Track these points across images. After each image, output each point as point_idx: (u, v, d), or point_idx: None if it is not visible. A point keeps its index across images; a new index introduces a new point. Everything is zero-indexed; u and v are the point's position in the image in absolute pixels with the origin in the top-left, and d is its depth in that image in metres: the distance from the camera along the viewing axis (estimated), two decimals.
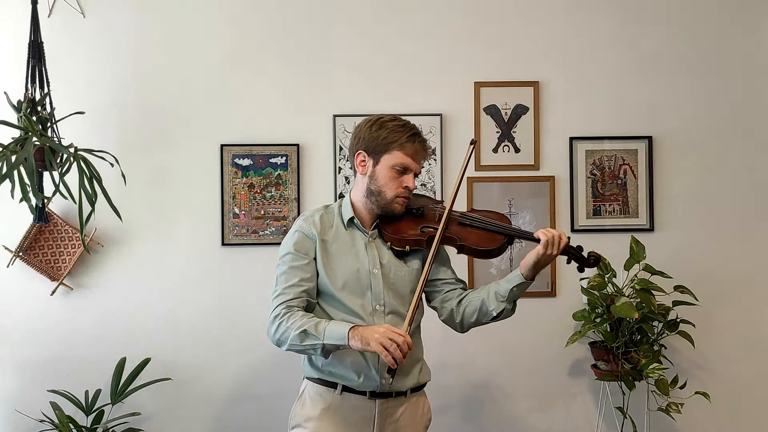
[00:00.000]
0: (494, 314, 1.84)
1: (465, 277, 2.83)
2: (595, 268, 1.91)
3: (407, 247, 1.88)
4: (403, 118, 1.91)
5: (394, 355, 1.62)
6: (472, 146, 1.97)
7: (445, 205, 1.93)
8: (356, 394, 1.83)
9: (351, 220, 1.89)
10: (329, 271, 1.85)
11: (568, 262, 1.91)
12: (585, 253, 1.90)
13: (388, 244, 1.89)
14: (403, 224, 1.90)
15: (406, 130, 1.86)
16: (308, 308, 1.84)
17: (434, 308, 1.98)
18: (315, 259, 1.85)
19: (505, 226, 1.91)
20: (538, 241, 1.81)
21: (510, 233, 1.90)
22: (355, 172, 1.92)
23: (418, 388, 1.94)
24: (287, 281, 1.82)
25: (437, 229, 1.86)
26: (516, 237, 1.90)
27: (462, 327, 1.93)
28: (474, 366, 2.87)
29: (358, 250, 1.87)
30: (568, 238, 1.87)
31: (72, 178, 2.35)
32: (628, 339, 2.55)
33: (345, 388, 1.84)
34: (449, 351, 2.84)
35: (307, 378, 1.90)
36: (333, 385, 1.84)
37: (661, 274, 2.58)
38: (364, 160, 1.87)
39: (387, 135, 1.84)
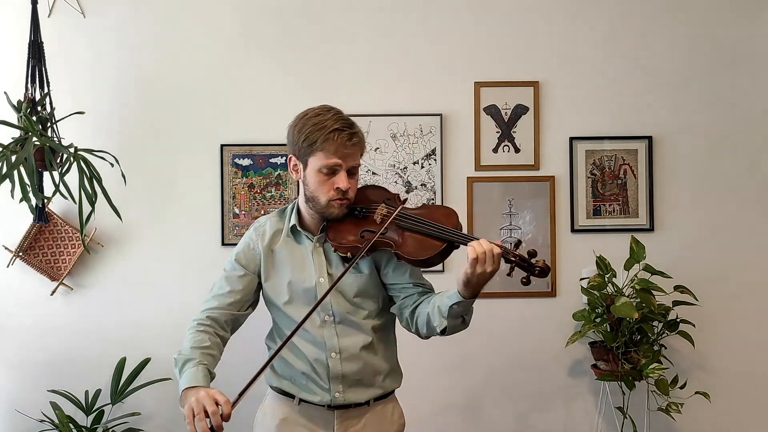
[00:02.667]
0: (438, 331, 1.65)
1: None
2: (545, 278, 1.62)
3: (348, 253, 1.69)
4: (331, 109, 1.71)
5: (199, 427, 1.42)
6: (401, 203, 1.75)
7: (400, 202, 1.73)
8: (314, 405, 1.76)
9: (293, 228, 1.78)
10: (274, 284, 1.77)
11: (509, 274, 1.60)
12: (534, 260, 1.59)
13: (334, 250, 1.73)
14: (344, 228, 1.72)
15: (328, 125, 1.65)
16: (235, 322, 1.79)
17: (395, 314, 1.82)
18: (259, 273, 1.79)
19: (446, 229, 1.63)
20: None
21: (449, 239, 1.62)
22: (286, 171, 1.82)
23: (382, 397, 1.82)
24: (219, 289, 1.78)
25: (381, 234, 1.65)
26: (454, 242, 1.63)
27: (420, 336, 1.75)
28: (474, 366, 2.87)
29: (305, 259, 1.76)
30: (518, 242, 1.64)
31: (72, 178, 2.35)
32: (628, 339, 2.55)
33: (302, 400, 1.77)
34: (449, 351, 2.84)
35: (269, 385, 1.85)
36: (291, 396, 1.79)
37: (661, 274, 2.58)
38: (296, 165, 1.73)
39: (307, 137, 1.66)
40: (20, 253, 2.75)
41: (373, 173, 2.85)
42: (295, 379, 1.78)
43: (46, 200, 2.54)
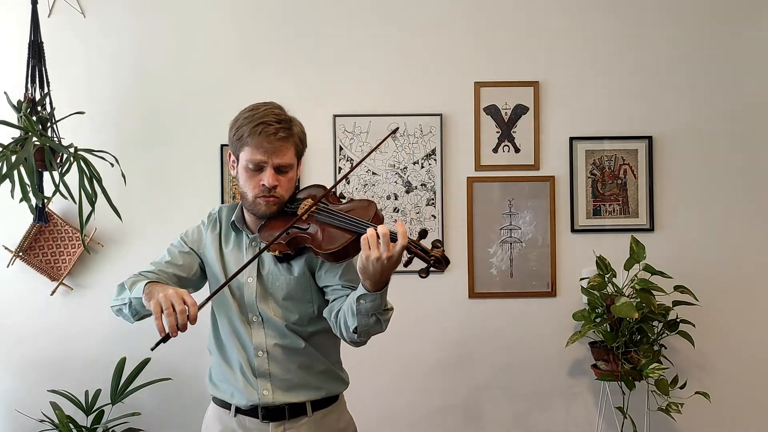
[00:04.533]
0: (351, 331, 1.53)
1: (464, 279, 2.84)
2: (444, 269, 1.46)
3: (277, 251, 1.63)
4: (265, 104, 1.65)
5: (166, 321, 1.38)
6: (392, 133, 1.78)
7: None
8: (249, 416, 1.69)
9: (232, 223, 1.73)
10: (212, 275, 1.74)
11: (406, 265, 1.46)
12: (434, 250, 1.45)
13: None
14: (274, 225, 1.64)
15: (255, 119, 1.59)
16: None
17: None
18: (200, 256, 1.75)
19: (357, 220, 1.52)
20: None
21: (355, 228, 1.51)
22: None
23: (325, 403, 1.72)
24: (158, 259, 1.75)
25: (301, 229, 1.58)
26: (358, 233, 1.50)
27: (352, 342, 1.59)
28: (474, 366, 2.87)
29: (240, 256, 1.70)
30: (423, 232, 1.48)
31: (72, 178, 2.36)
32: (628, 339, 2.55)
33: (237, 410, 1.71)
34: (449, 351, 2.84)
35: (211, 396, 1.81)
36: (228, 406, 1.74)
37: (661, 274, 2.58)
38: (233, 161, 1.68)
39: (236, 131, 1.61)
40: (20, 253, 2.75)
41: (373, 173, 2.85)
42: (228, 381, 1.73)
43: (46, 200, 2.54)
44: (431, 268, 1.44)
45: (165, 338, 1.40)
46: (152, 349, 1.47)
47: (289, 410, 1.68)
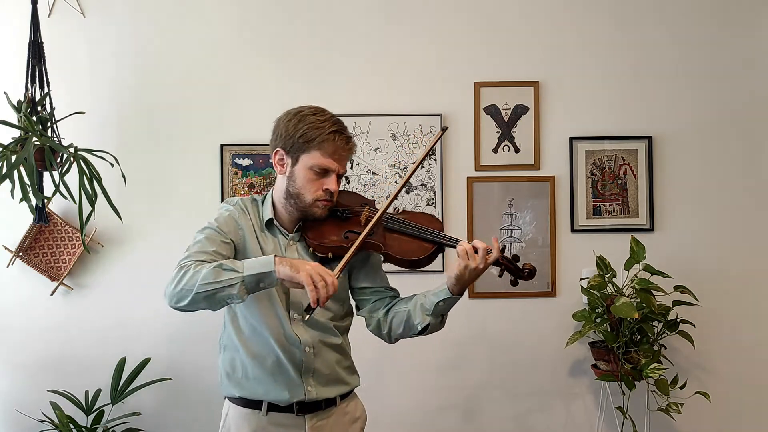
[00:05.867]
0: (419, 329, 1.70)
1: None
2: (532, 280, 1.74)
3: (329, 253, 1.69)
4: (327, 111, 1.71)
5: (319, 293, 1.47)
6: (442, 132, 1.81)
7: (378, 207, 1.76)
8: (283, 413, 1.70)
9: (269, 222, 1.74)
10: None
11: (500, 275, 1.73)
12: (520, 264, 1.72)
13: (311, 249, 1.71)
14: (326, 228, 1.72)
15: (327, 126, 1.66)
16: None
17: (363, 317, 1.83)
18: (235, 247, 1.70)
19: (434, 231, 1.71)
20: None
21: (439, 241, 1.71)
22: (274, 169, 1.77)
23: (347, 395, 1.82)
24: (202, 248, 1.64)
25: (366, 236, 1.67)
26: (444, 245, 1.71)
27: (390, 338, 1.78)
28: (474, 366, 2.87)
29: (281, 254, 1.71)
30: (503, 248, 1.71)
31: (72, 178, 2.36)
32: (628, 339, 2.55)
33: (270, 406, 1.70)
34: (449, 351, 2.84)
35: (229, 399, 1.76)
36: (257, 405, 1.71)
37: (661, 274, 2.58)
38: (282, 159, 1.71)
39: (305, 132, 1.66)
40: (20, 253, 2.75)
41: (373, 173, 2.85)
42: (263, 379, 1.70)
43: (46, 200, 2.54)
44: (520, 279, 1.71)
45: (313, 309, 1.53)
46: (306, 320, 1.63)
47: (324, 403, 1.74)
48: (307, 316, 1.58)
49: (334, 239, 1.69)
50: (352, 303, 1.87)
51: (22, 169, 2.24)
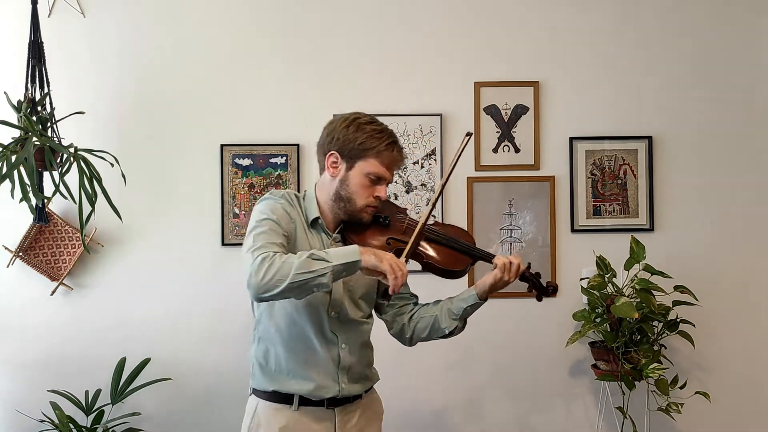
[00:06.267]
0: (446, 332, 1.83)
1: (464, 279, 2.83)
2: (555, 295, 1.93)
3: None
4: (380, 121, 1.78)
5: (398, 281, 1.56)
6: (468, 138, 1.80)
7: (413, 217, 1.87)
8: (314, 407, 1.75)
9: (316, 220, 1.78)
10: None
11: (529, 290, 1.88)
12: (543, 282, 1.88)
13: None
14: (369, 233, 1.79)
15: (384, 137, 1.73)
16: None
17: (385, 321, 1.92)
18: (288, 241, 1.72)
19: (471, 246, 1.83)
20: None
21: (475, 255, 1.82)
22: (321, 170, 1.80)
23: (370, 389, 1.92)
24: (270, 239, 1.63)
25: (404, 242, 1.74)
26: (479, 259, 1.82)
27: (411, 341, 1.91)
28: (474, 366, 2.87)
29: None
30: (528, 264, 1.86)
31: (72, 178, 2.36)
32: (628, 339, 2.55)
33: (301, 401, 1.74)
34: (450, 351, 2.84)
35: (258, 393, 1.80)
36: (288, 401, 1.74)
37: (661, 274, 2.58)
38: (336, 162, 1.75)
39: (364, 140, 1.71)
40: (20, 253, 2.75)
41: None
42: (298, 373, 1.73)
43: (46, 200, 2.54)
44: (544, 296, 1.89)
45: (392, 296, 1.65)
46: (389, 303, 1.87)
47: (352, 397, 1.81)
48: (387, 303, 1.84)
49: (376, 244, 1.75)
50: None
51: (22, 169, 2.24)
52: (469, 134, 1.83)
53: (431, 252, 1.80)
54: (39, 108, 2.47)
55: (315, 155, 2.80)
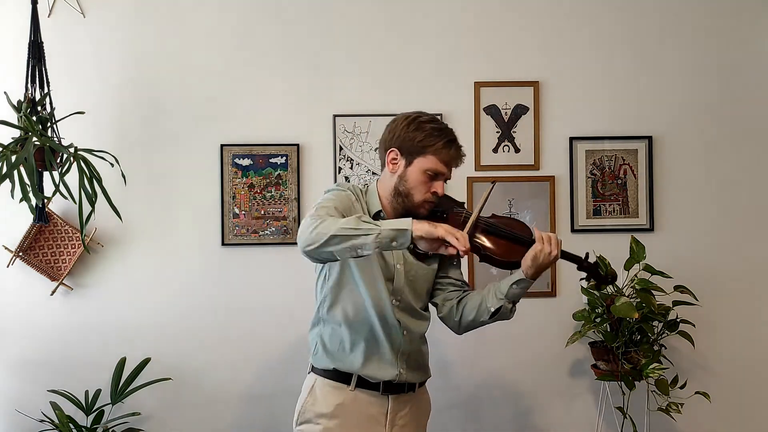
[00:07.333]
0: (492, 310, 1.82)
1: (465, 278, 2.83)
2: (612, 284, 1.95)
3: (430, 251, 1.77)
4: (441, 120, 1.88)
5: (460, 243, 1.56)
6: (492, 185, 1.94)
7: (470, 210, 1.88)
8: (370, 390, 1.83)
9: (378, 213, 1.86)
10: (359, 263, 1.81)
11: (587, 280, 1.95)
12: (602, 271, 1.92)
13: (411, 245, 1.79)
14: None
15: (443, 135, 1.82)
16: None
17: (435, 304, 1.98)
18: None
19: (526, 237, 1.84)
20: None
21: (530, 243, 1.83)
22: (382, 165, 1.88)
23: (424, 383, 1.97)
24: (328, 212, 1.69)
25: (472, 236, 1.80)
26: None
27: (459, 326, 1.93)
28: (475, 366, 2.87)
29: None
30: (586, 254, 1.90)
31: (72, 178, 2.36)
32: (628, 339, 2.55)
33: (359, 383, 1.82)
34: (450, 351, 2.84)
35: (318, 371, 1.87)
36: (346, 380, 1.83)
37: (661, 274, 2.58)
38: (395, 159, 1.83)
39: (424, 138, 1.79)
40: (20, 253, 2.75)
41: (373, 173, 2.84)
42: (360, 355, 1.81)
43: (46, 200, 2.54)
44: (603, 284, 1.93)
45: (460, 258, 1.73)
46: (456, 265, 1.96)
47: (407, 386, 1.87)
48: (456, 261, 1.92)
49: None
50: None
51: (22, 169, 2.24)
52: (493, 183, 1.97)
53: (487, 243, 1.83)
54: (39, 108, 2.47)
55: (314, 155, 2.85)
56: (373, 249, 1.57)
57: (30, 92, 2.49)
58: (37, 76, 2.51)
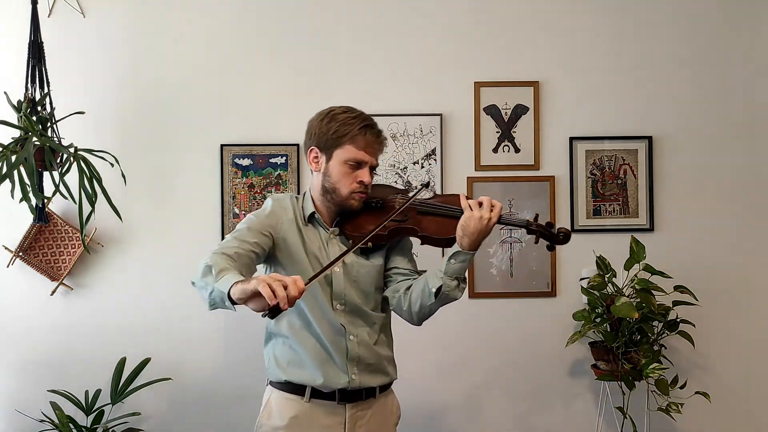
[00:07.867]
0: (433, 290, 1.72)
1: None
2: (565, 244, 1.78)
3: (369, 243, 1.79)
4: (356, 108, 1.82)
5: (277, 294, 1.35)
6: (422, 186, 1.95)
7: (414, 196, 1.82)
8: (325, 400, 1.78)
9: (312, 215, 1.82)
10: (291, 264, 1.78)
11: (536, 242, 1.81)
12: (554, 229, 1.77)
13: (350, 241, 1.80)
14: (362, 219, 1.81)
15: (358, 121, 1.76)
16: (249, 270, 1.68)
17: (388, 297, 1.88)
18: (275, 241, 1.77)
19: (457, 209, 1.77)
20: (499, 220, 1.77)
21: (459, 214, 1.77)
22: (312, 169, 1.84)
23: (386, 387, 1.89)
24: (241, 235, 1.69)
25: (398, 221, 1.77)
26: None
27: (411, 314, 1.81)
28: (474, 366, 2.87)
29: (321, 248, 1.80)
30: (536, 215, 1.83)
31: (72, 178, 2.36)
32: (628, 339, 2.55)
33: (313, 393, 1.78)
34: (450, 351, 2.84)
35: (272, 384, 1.85)
36: (300, 392, 1.79)
37: (661, 274, 2.58)
38: (317, 157, 1.80)
39: (337, 128, 1.75)
40: (20, 253, 2.75)
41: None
42: (309, 365, 1.77)
43: (46, 200, 2.54)
44: (556, 244, 1.78)
45: (275, 309, 1.38)
46: (266, 316, 1.43)
47: (365, 393, 1.82)
48: (268, 317, 1.43)
49: (372, 228, 1.74)
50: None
51: (22, 169, 2.25)
52: (424, 184, 2.00)
53: (425, 224, 1.78)
54: (39, 108, 2.47)
55: None
56: (210, 307, 1.54)
57: (30, 92, 2.49)
58: (37, 76, 2.51)
